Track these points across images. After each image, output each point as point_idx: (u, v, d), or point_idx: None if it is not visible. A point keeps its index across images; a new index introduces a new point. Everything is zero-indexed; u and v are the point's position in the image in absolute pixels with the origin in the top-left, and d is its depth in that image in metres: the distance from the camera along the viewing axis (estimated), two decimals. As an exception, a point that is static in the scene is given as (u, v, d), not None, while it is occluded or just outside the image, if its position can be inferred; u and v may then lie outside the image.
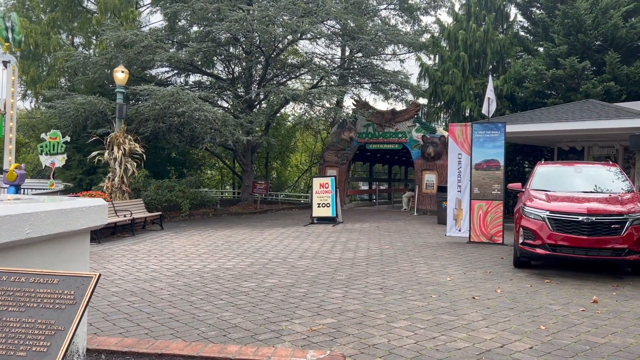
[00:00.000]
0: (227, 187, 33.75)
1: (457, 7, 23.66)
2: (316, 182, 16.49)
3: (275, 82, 21.77)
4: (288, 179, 35.89)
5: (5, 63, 15.26)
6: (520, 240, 8.20)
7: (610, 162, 10.15)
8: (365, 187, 32.10)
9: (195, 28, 20.82)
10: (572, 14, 18.21)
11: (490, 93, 12.19)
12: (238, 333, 4.87)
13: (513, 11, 23.64)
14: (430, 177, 20.35)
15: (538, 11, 22.47)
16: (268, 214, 20.16)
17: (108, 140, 14.64)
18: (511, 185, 9.71)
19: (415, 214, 20.05)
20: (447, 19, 28.00)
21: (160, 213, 14.64)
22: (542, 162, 10.36)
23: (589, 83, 17.46)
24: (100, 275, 1.84)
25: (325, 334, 4.85)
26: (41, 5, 23.35)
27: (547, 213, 7.88)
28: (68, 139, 15.66)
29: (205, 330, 4.95)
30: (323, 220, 15.92)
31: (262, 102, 21.93)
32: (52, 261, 2.56)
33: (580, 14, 18.08)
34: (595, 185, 8.98)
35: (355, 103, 23.08)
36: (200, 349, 3.34)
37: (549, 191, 8.80)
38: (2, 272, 1.72)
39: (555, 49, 18.45)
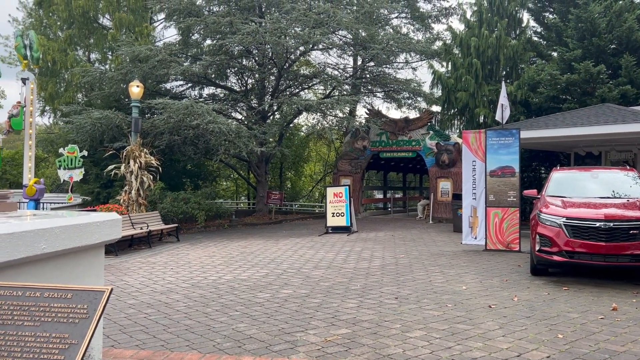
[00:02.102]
0: (242, 197, 33.92)
1: (468, 14, 23.63)
2: (330, 191, 16.49)
3: (288, 93, 21.93)
4: (302, 188, 35.97)
5: (24, 80, 15.59)
6: (537, 248, 8.10)
7: (628, 167, 10.00)
8: (380, 196, 32.02)
9: (208, 41, 21.09)
10: (585, 18, 18.07)
11: (503, 99, 12.12)
12: (253, 344, 4.88)
13: (525, 17, 23.50)
14: (445, 185, 20.24)
15: (551, 16, 22.34)
16: (283, 224, 20.21)
17: (124, 154, 14.83)
18: (526, 192, 9.62)
19: (430, 222, 19.93)
20: (459, 26, 27.93)
21: (176, 225, 14.77)
22: (558, 168, 10.25)
23: (604, 87, 17.27)
24: (112, 289, 1.87)
25: (339, 345, 4.84)
26: (58, 23, 23.86)
27: (564, 219, 7.78)
28: (85, 153, 15.86)
29: (221, 342, 4.97)
30: (337, 229, 15.90)
31: (276, 113, 22.08)
32: (67, 275, 2.61)
33: (594, 17, 17.94)
34: (613, 191, 8.86)
35: (368, 112, 23.11)
36: (215, 360, 3.36)
37: (565, 197, 8.70)
38: (17, 287, 1.76)
39: (570, 54, 18.31)
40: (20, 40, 15.97)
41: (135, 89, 15.22)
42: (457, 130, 23.84)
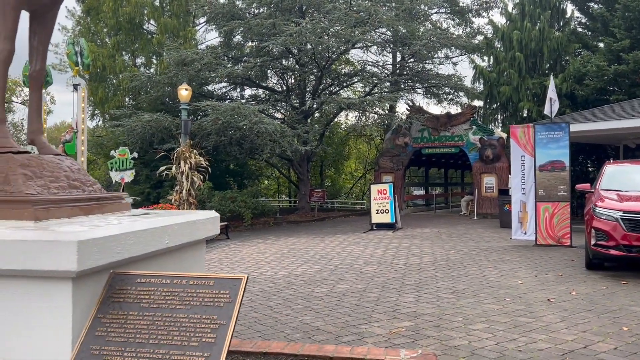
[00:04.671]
0: (283, 196, 34.35)
1: (510, 7, 23.31)
2: (374, 188, 16.63)
3: (328, 92, 22.13)
4: (342, 186, 36.14)
5: (75, 86, 16.30)
6: (593, 242, 8.06)
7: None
8: (420, 192, 31.87)
9: (249, 43, 21.49)
10: (633, 7, 17.62)
11: (552, 93, 12.01)
12: (321, 335, 5.10)
13: (569, 7, 23.05)
14: (489, 180, 20.07)
15: (596, 6, 21.81)
16: (326, 221, 20.44)
17: (175, 155, 15.32)
18: (579, 186, 9.56)
19: (475, 218, 19.80)
20: (500, 20, 27.60)
21: (226, 223, 15.18)
22: (611, 161, 10.13)
23: (655, 77, 16.83)
24: (248, 277, 2.11)
25: (405, 336, 5.01)
26: (105, 30, 24.74)
27: (620, 213, 7.73)
28: (136, 155, 16.45)
29: (291, 333, 5.21)
30: (382, 226, 16.02)
31: (317, 112, 22.32)
32: (179, 267, 2.88)
33: (643, 6, 17.47)
34: (670, 184, 8.70)
35: (409, 108, 23.09)
36: (299, 348, 3.60)
37: (620, 191, 8.62)
38: (166, 275, 2.02)
39: (617, 44, 17.88)
40: (72, 48, 16.69)
41: (184, 92, 15.68)
42: (500, 125, 23.57)
